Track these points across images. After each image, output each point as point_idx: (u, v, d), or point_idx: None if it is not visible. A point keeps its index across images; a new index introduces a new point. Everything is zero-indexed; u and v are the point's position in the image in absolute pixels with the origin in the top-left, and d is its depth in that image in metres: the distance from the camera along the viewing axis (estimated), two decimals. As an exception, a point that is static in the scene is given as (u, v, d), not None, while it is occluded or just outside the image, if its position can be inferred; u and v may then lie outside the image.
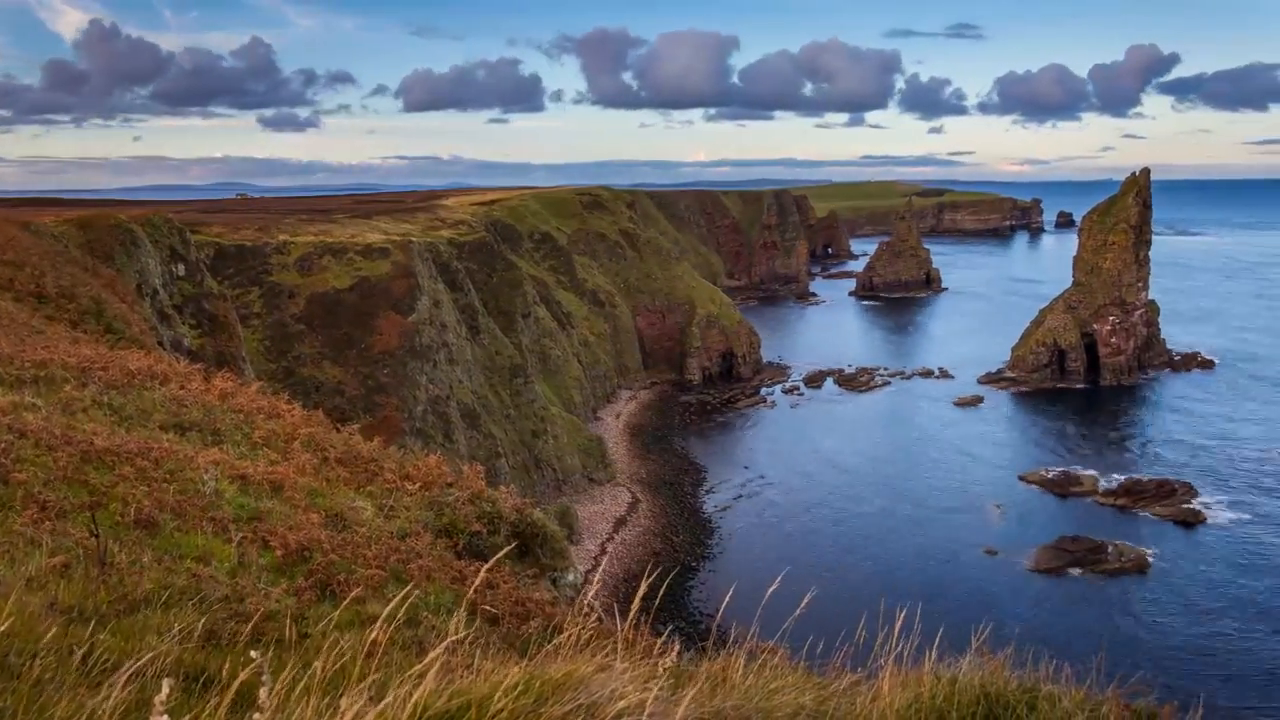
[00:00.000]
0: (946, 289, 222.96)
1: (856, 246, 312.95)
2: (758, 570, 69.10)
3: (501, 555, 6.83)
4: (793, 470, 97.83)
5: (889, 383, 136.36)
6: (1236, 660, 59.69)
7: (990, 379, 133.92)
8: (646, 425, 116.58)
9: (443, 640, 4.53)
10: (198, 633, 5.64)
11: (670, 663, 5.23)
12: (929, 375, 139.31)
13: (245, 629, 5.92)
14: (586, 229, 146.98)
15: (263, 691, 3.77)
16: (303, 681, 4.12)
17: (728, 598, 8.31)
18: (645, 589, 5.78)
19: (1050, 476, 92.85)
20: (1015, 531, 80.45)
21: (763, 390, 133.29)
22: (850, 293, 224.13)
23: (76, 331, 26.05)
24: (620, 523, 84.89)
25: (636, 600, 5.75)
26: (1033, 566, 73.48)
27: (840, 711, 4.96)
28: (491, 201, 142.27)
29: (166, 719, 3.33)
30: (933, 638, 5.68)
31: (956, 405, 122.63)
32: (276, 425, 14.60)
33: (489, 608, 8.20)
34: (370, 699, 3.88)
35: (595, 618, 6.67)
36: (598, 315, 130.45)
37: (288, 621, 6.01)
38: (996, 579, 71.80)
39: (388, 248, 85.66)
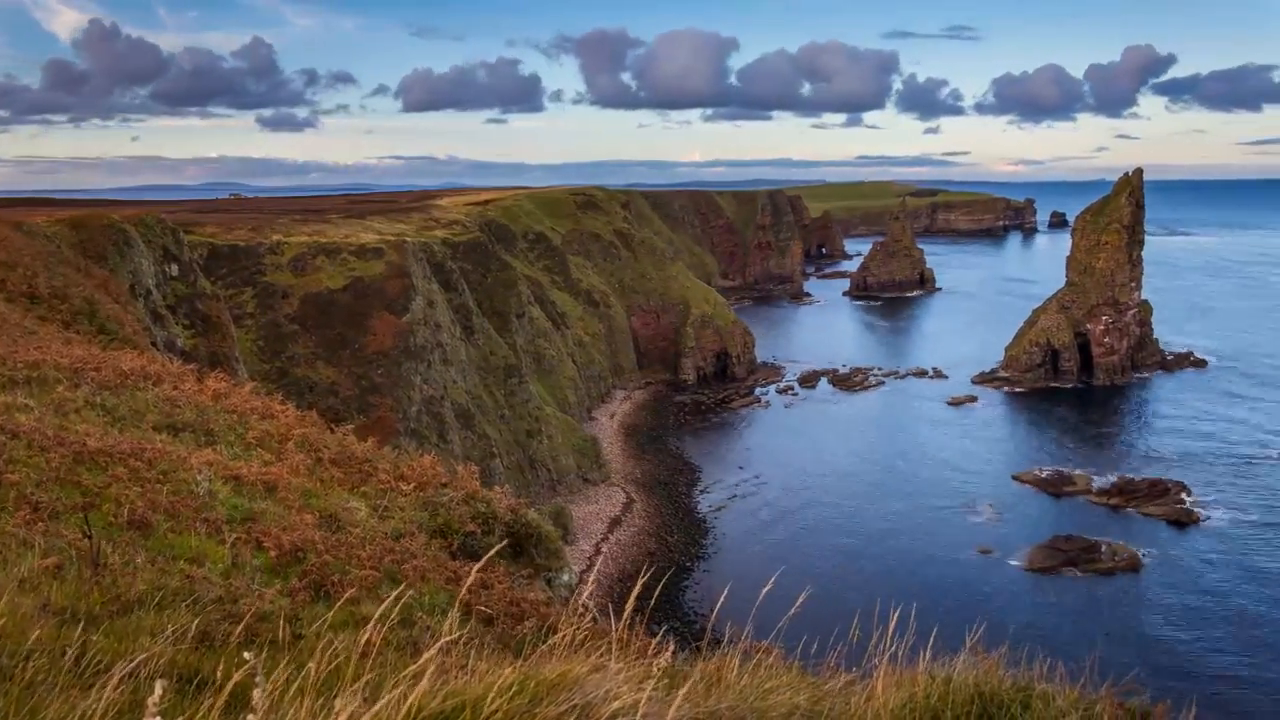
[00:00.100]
0: (940, 289, 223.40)
1: (851, 246, 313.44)
2: (752, 570, 69.18)
3: (493, 554, 6.82)
4: (787, 470, 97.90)
5: (883, 383, 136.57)
6: (1229, 658, 59.91)
7: (984, 379, 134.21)
8: (641, 425, 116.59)
9: (437, 641, 4.52)
10: (191, 634, 5.63)
11: (665, 663, 5.23)
12: (923, 375, 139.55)
13: (239, 630, 5.91)
14: (581, 229, 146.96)
15: (256, 693, 3.77)
16: (296, 683, 4.11)
17: (722, 598, 8.31)
18: (640, 589, 5.78)
19: (1044, 476, 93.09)
20: (1009, 531, 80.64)
21: (757, 390, 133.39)
22: (844, 293, 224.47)
23: (69, 332, 25.97)
24: (615, 523, 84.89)
25: (631, 600, 5.75)
26: (1026, 566, 73.66)
27: (835, 711, 4.96)
28: (486, 201, 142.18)
29: (159, 720, 3.32)
30: (927, 637, 5.69)
31: (950, 405, 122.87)
32: (270, 426, 14.57)
33: (484, 608, 8.19)
34: (364, 700, 3.87)
35: (590, 618, 6.67)
36: (592, 315, 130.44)
37: (281, 622, 5.99)
38: (990, 578, 71.96)
39: (382, 248, 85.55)
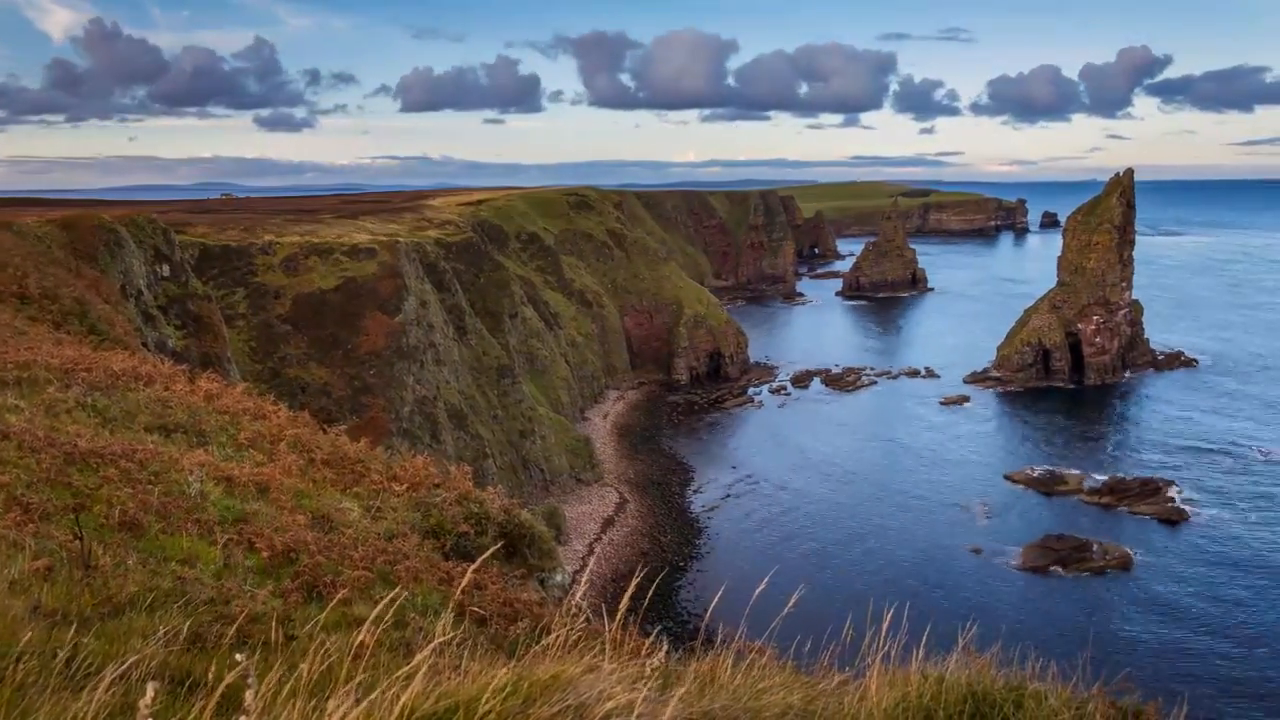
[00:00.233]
0: (932, 289, 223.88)
1: (843, 247, 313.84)
2: (746, 570, 69.24)
3: (488, 555, 6.81)
4: (780, 470, 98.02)
5: (875, 382, 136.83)
6: (1221, 656, 60.15)
7: (976, 378, 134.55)
8: (634, 425, 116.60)
9: (430, 642, 4.52)
10: (183, 635, 5.61)
11: (658, 663, 5.23)
12: (915, 375, 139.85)
13: (231, 631, 5.89)
14: (574, 229, 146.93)
15: (248, 694, 3.76)
16: (289, 684, 4.10)
17: (716, 598, 8.32)
18: (633, 589, 5.78)
19: (1035, 475, 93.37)
20: (1001, 530, 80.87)
21: (750, 390, 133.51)
22: (837, 293, 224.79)
23: (60, 333, 25.86)
24: (608, 523, 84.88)
25: (624, 600, 5.75)
26: (1018, 565, 73.88)
27: (828, 711, 4.97)
28: (478, 202, 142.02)
29: (151, 723, 3.30)
30: (919, 637, 5.70)
31: (942, 405, 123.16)
32: (262, 426, 14.53)
33: (477, 609, 8.18)
34: (357, 701, 3.86)
35: (583, 618, 6.66)
36: (585, 315, 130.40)
37: (274, 624, 5.97)
38: (983, 578, 72.14)
39: (374, 248, 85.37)
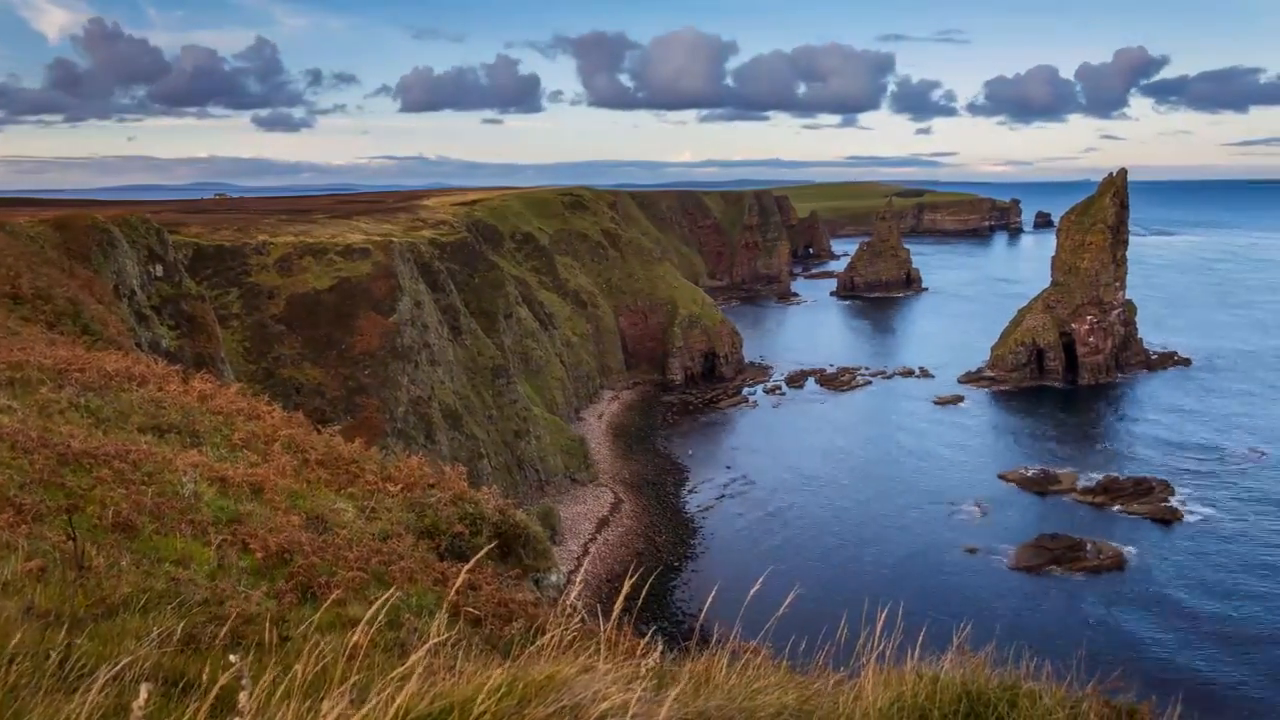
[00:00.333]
0: (927, 289, 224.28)
1: (838, 247, 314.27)
2: (740, 570, 69.24)
3: (482, 555, 6.81)
4: (775, 470, 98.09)
5: (870, 382, 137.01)
6: (1214, 655, 60.36)
7: (970, 378, 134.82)
8: (629, 425, 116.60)
9: (425, 642, 4.51)
10: (176, 636, 5.59)
11: (653, 663, 5.23)
12: (909, 375, 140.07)
13: (224, 632, 5.88)
14: (568, 229, 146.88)
15: (242, 695, 3.75)
16: (283, 685, 4.09)
17: (710, 598, 8.32)
18: (628, 589, 5.78)
19: (1029, 475, 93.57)
20: (995, 530, 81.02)
21: (745, 390, 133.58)
22: (831, 293, 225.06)
23: (53, 333, 25.79)
24: (603, 523, 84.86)
25: (619, 601, 5.74)
26: (1013, 564, 74.03)
27: (823, 711, 4.97)
28: (473, 202, 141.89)
29: (145, 724, 3.29)
30: (914, 636, 5.71)
31: (937, 404, 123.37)
32: (256, 427, 14.50)
33: (471, 609, 8.17)
34: (352, 702, 3.86)
35: (578, 618, 6.66)
36: (580, 315, 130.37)
37: (268, 624, 5.96)
38: (977, 577, 72.26)
39: (368, 248, 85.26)
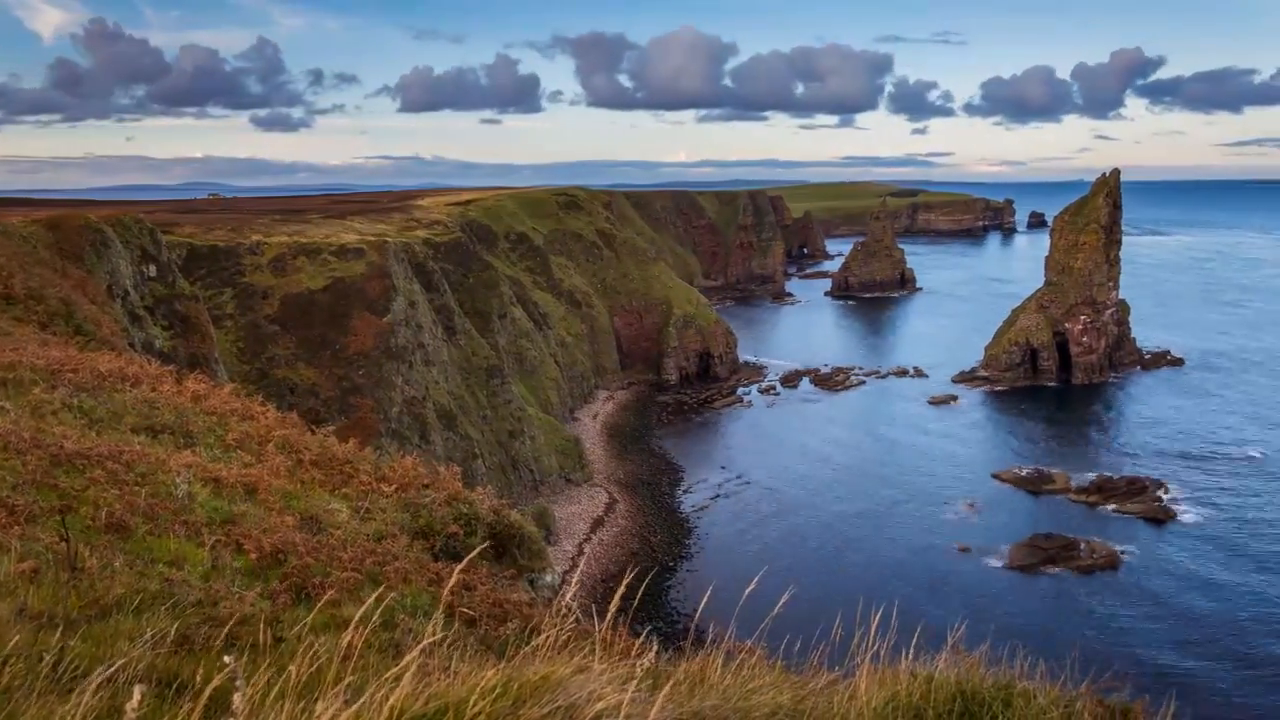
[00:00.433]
0: (921, 289, 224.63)
1: (832, 247, 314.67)
2: (735, 570, 69.30)
3: (475, 555, 6.80)
4: (769, 470, 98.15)
5: (864, 382, 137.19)
6: (1207, 654, 60.52)
7: (964, 378, 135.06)
8: (624, 425, 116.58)
9: (419, 643, 4.51)
10: (170, 638, 5.58)
11: (648, 663, 5.23)
12: (904, 374, 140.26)
13: (219, 633, 5.86)
14: (563, 229, 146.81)
15: (236, 697, 3.74)
16: (277, 686, 4.08)
17: (705, 598, 8.32)
18: (623, 589, 5.78)
19: (1023, 474, 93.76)
20: (989, 529, 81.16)
21: (739, 390, 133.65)
22: (826, 293, 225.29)
23: (45, 333, 25.70)
24: (598, 523, 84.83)
25: (615, 601, 5.74)
26: (1007, 564, 74.16)
27: (818, 710, 4.97)
28: (467, 201, 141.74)
29: (138, 726, 3.29)
30: (908, 636, 5.71)
31: (931, 404, 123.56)
32: (250, 427, 14.47)
33: (466, 610, 8.16)
34: (346, 703, 3.85)
35: (573, 619, 6.66)
36: (574, 316, 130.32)
37: (262, 625, 5.95)
38: (971, 577, 72.39)
39: (362, 248, 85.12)
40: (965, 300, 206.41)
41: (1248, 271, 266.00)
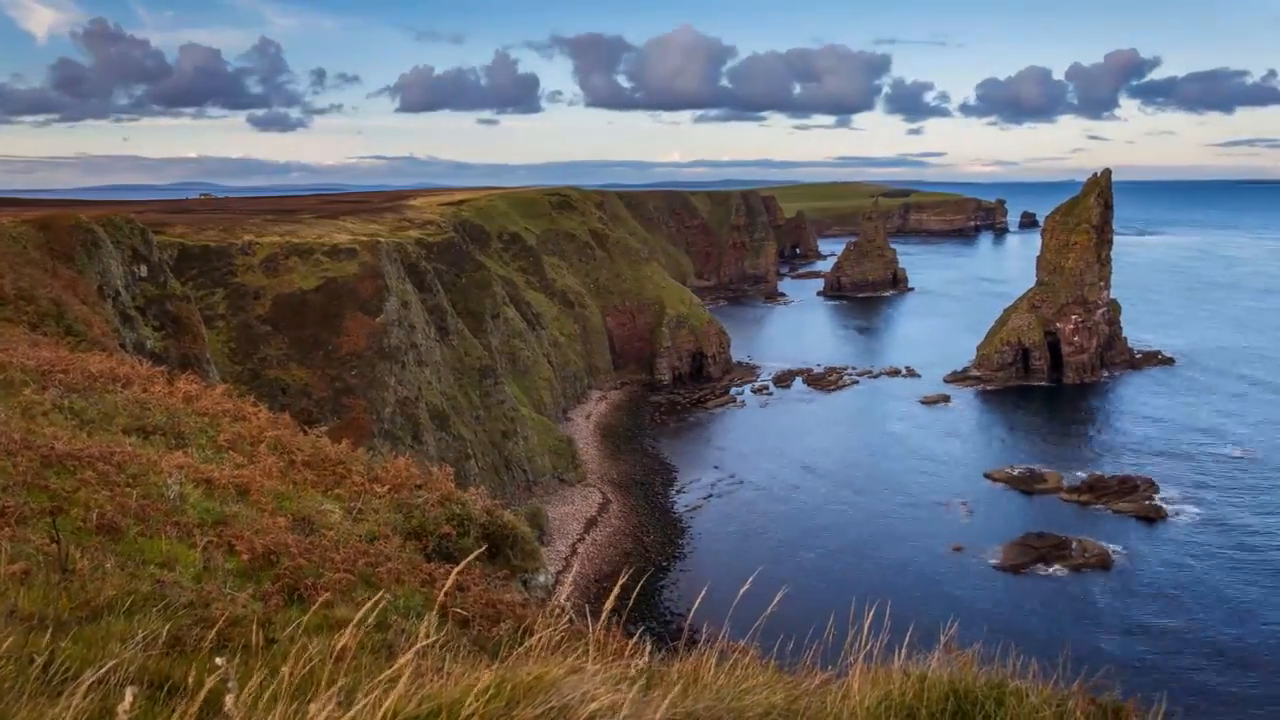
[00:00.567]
0: (913, 289, 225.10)
1: (824, 247, 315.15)
2: (729, 570, 69.33)
3: (472, 558, 6.79)
4: (762, 470, 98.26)
5: (857, 382, 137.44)
6: (1198, 652, 60.77)
7: (956, 378, 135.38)
8: (617, 426, 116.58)
9: (413, 644, 4.50)
10: (162, 639, 5.56)
11: (642, 664, 5.23)
12: (896, 374, 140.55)
13: (211, 635, 5.84)
14: (556, 229, 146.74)
15: (229, 699, 3.73)
16: (270, 688, 4.07)
17: (699, 598, 8.32)
18: (617, 590, 5.77)
19: (1015, 474, 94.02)
20: (982, 528, 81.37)
21: (732, 390, 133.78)
22: (818, 293, 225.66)
23: (36, 334, 25.60)
24: (591, 523, 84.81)
25: (609, 601, 5.74)
26: (999, 563, 74.36)
27: (811, 710, 4.98)
28: (460, 202, 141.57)
29: (130, 728, 3.27)
30: (901, 635, 5.72)
31: (923, 404, 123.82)
32: (242, 428, 14.43)
33: (459, 610, 8.15)
34: (339, 705, 3.84)
35: (566, 619, 6.66)
36: (567, 316, 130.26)
37: (254, 627, 5.93)
38: (964, 576, 72.57)
39: (355, 248, 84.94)
40: (957, 300, 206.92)
41: (1229, 269, 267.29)
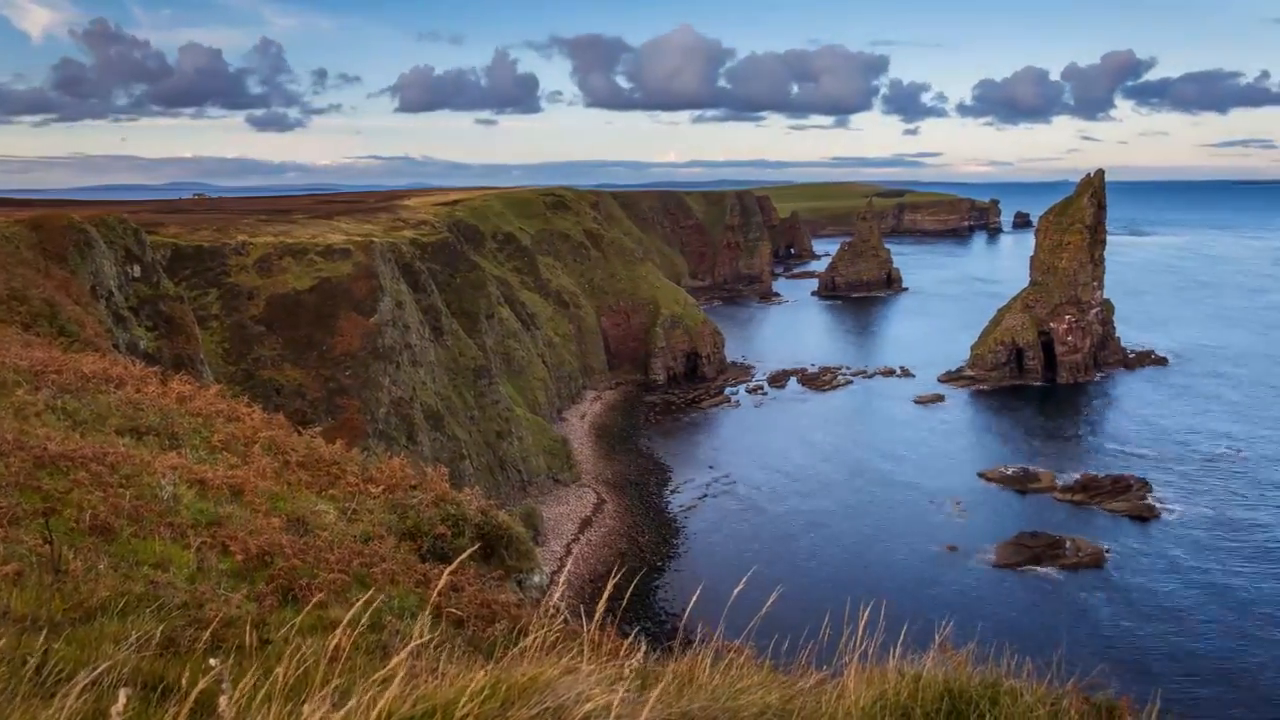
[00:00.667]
0: (907, 289, 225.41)
1: (819, 247, 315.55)
2: (723, 570, 69.36)
3: (465, 557, 6.78)
4: (757, 469, 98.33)
5: (851, 382, 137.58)
6: (1191, 651, 60.95)
7: (950, 378, 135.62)
8: (612, 426, 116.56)
9: (407, 644, 4.49)
10: (156, 641, 5.54)
11: (637, 664, 5.23)
12: (890, 374, 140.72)
13: (204, 636, 5.83)
14: (550, 229, 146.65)
15: (223, 700, 3.72)
16: (264, 689, 4.06)
17: (694, 598, 8.33)
18: (611, 590, 5.77)
19: (1009, 473, 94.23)
20: (975, 528, 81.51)
21: (727, 390, 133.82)
22: (813, 293, 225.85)
23: (29, 334, 25.50)
24: (586, 523, 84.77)
25: (603, 601, 5.74)
26: (993, 562, 74.50)
27: (806, 710, 4.98)
28: (454, 202, 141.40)
29: (124, 729, 3.26)
30: (896, 635, 5.73)
31: (917, 404, 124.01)
32: (236, 429, 14.40)
33: (454, 611, 8.14)
34: (334, 705, 3.84)
35: (561, 619, 6.65)
36: (562, 316, 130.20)
37: (248, 628, 5.92)
38: (958, 575, 72.68)
39: (349, 248, 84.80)
40: (951, 300, 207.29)
41: (1222, 269, 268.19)
